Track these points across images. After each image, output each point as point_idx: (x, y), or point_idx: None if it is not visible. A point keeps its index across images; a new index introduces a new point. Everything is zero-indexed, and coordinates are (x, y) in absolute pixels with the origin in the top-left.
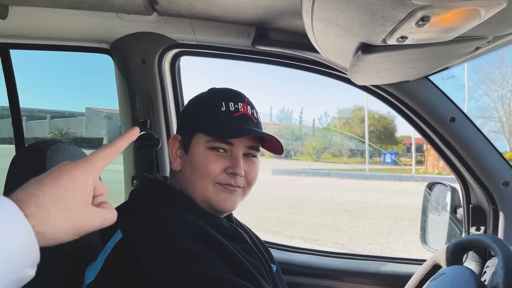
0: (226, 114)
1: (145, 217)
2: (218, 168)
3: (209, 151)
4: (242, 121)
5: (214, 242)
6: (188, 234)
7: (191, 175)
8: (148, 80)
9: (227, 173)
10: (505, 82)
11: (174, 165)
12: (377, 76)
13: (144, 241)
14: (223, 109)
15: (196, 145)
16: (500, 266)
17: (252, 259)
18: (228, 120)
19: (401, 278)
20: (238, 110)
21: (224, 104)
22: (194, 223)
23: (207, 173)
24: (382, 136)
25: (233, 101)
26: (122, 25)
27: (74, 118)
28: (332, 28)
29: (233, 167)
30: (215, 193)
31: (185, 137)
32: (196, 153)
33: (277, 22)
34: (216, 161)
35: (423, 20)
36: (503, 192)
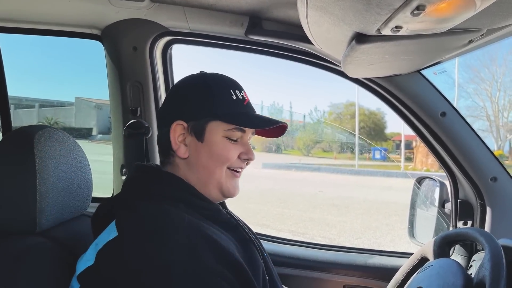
0: (238, 103)
1: (142, 218)
2: (235, 154)
3: (226, 139)
4: (251, 108)
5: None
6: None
7: (209, 162)
8: (139, 67)
9: (241, 158)
10: (494, 81)
11: (180, 152)
12: (370, 68)
13: (139, 246)
14: (234, 97)
15: (212, 134)
16: (487, 259)
17: (246, 248)
18: (242, 109)
19: (388, 271)
20: (244, 99)
21: (233, 92)
22: (189, 222)
23: (227, 159)
24: (372, 132)
25: (237, 89)
26: (113, 11)
27: (63, 107)
28: (326, 17)
29: (247, 153)
30: (228, 179)
31: (196, 124)
32: (215, 141)
33: (271, 12)
34: (233, 148)
35: (418, 9)
36: (491, 187)
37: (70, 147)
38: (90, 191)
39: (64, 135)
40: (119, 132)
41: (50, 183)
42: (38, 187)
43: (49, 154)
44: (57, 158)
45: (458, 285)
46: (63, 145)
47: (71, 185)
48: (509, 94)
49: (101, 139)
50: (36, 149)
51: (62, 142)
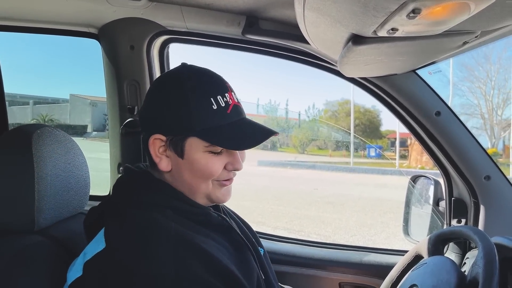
0: (220, 113)
1: (131, 229)
2: (220, 167)
3: (207, 154)
4: (236, 115)
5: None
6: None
7: (193, 179)
8: (136, 66)
9: (228, 169)
10: (489, 79)
11: (161, 166)
12: (366, 68)
13: (125, 261)
14: (214, 107)
15: (192, 150)
16: (480, 257)
17: (239, 251)
18: (224, 120)
19: (383, 268)
20: (228, 104)
21: (214, 101)
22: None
23: (211, 175)
24: (367, 130)
25: (220, 93)
26: (110, 10)
27: (58, 104)
28: (323, 18)
29: (234, 164)
30: (215, 190)
31: (174, 140)
32: (197, 158)
33: (268, 12)
34: (217, 161)
35: (414, 12)
36: (484, 186)
37: (67, 146)
38: (87, 189)
39: (62, 134)
40: (116, 130)
41: (48, 182)
42: (36, 186)
43: (47, 153)
44: (55, 157)
45: (452, 282)
46: (61, 144)
47: (69, 184)
48: (503, 92)
49: (96, 136)
50: (34, 148)
51: (60, 141)
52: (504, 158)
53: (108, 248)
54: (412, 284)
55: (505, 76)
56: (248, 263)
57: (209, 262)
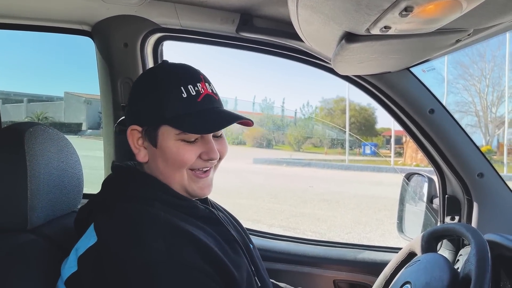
0: (189, 101)
1: (119, 220)
2: (193, 156)
3: (180, 142)
4: (207, 104)
5: (188, 236)
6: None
7: (166, 168)
8: (130, 64)
9: (202, 159)
10: (483, 77)
11: (139, 156)
12: (360, 66)
13: (117, 251)
14: (184, 95)
15: (165, 139)
16: (473, 254)
17: (227, 242)
18: (193, 108)
19: (377, 266)
20: (199, 93)
21: (184, 89)
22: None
23: (184, 163)
24: (362, 127)
25: (191, 83)
26: (104, 7)
27: (52, 102)
28: (317, 16)
29: (208, 153)
30: (191, 181)
31: (148, 129)
32: (168, 146)
33: (262, 9)
34: (190, 150)
35: (406, 10)
36: (478, 183)
37: (61, 144)
38: (81, 188)
39: (55, 132)
40: (110, 128)
41: (41, 180)
42: (29, 185)
43: (40, 151)
44: (48, 156)
45: (445, 279)
46: (54, 142)
47: (62, 182)
48: (497, 90)
49: (91, 134)
50: (27, 147)
51: (53, 139)
52: (498, 156)
53: (99, 241)
54: (406, 281)
55: (500, 74)
56: (237, 255)
57: (200, 248)
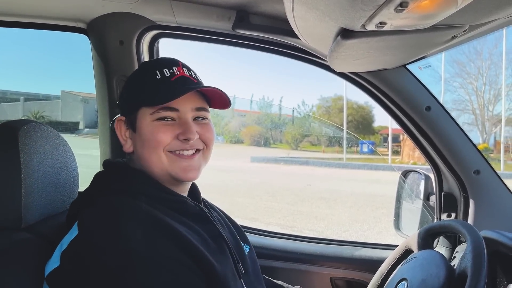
0: (162, 81)
1: (99, 213)
2: (169, 136)
3: (156, 122)
4: (181, 83)
5: (168, 231)
6: (142, 227)
7: (143, 150)
8: (126, 61)
9: (180, 140)
10: (480, 75)
11: (125, 147)
12: (356, 63)
13: (95, 243)
14: (158, 77)
15: (141, 120)
16: (469, 250)
17: (214, 240)
18: (165, 86)
19: (374, 263)
20: (174, 74)
21: (159, 72)
22: (147, 212)
23: (157, 143)
24: (360, 126)
25: (167, 67)
26: (99, 4)
27: (49, 101)
28: (312, 13)
29: (184, 132)
30: (172, 163)
31: (129, 117)
32: (143, 127)
33: (258, 6)
34: (165, 130)
35: (401, 6)
36: (474, 180)
37: (55, 141)
38: (76, 185)
39: (49, 129)
40: (105, 126)
41: (35, 178)
42: (23, 182)
43: (34, 149)
44: (42, 153)
45: (441, 276)
46: (48, 140)
47: (57, 180)
48: (494, 88)
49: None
50: (21, 144)
51: (47, 136)
52: (495, 154)
53: (80, 233)
54: (402, 278)
55: (496, 72)
56: (222, 254)
57: (179, 241)
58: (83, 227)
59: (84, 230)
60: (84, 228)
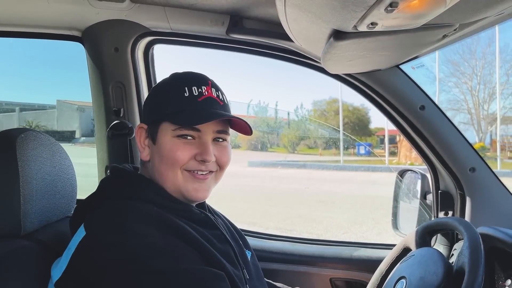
0: (190, 99)
1: (108, 213)
2: (187, 155)
3: (177, 139)
4: (208, 105)
5: (180, 232)
6: (154, 226)
7: (160, 165)
8: (121, 68)
9: (197, 160)
10: (474, 74)
11: (142, 155)
12: (349, 64)
13: (105, 239)
14: (186, 94)
15: (163, 135)
16: (466, 247)
17: (221, 245)
18: (192, 106)
19: (373, 262)
20: (202, 94)
21: (187, 89)
22: (158, 214)
23: (175, 161)
24: (356, 127)
25: (196, 85)
26: (93, 12)
27: (45, 110)
28: (304, 15)
29: (202, 153)
30: (185, 181)
31: (151, 127)
32: (164, 142)
33: (251, 11)
34: (184, 148)
35: (391, 6)
36: (470, 178)
37: (53, 149)
38: (74, 192)
39: (47, 137)
40: (102, 133)
41: (33, 186)
42: (22, 190)
43: (32, 157)
44: (40, 161)
45: (439, 273)
46: (46, 148)
47: (55, 187)
48: (488, 87)
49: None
50: (19, 152)
51: (45, 144)
52: (492, 152)
53: (88, 233)
54: (401, 276)
55: (490, 71)
56: (229, 255)
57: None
58: (91, 227)
59: (93, 230)
60: (92, 228)
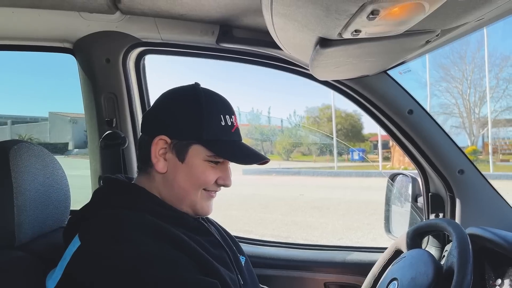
0: (226, 130)
1: (103, 222)
2: (214, 179)
3: (207, 163)
4: (237, 136)
5: (175, 240)
6: (149, 235)
7: (186, 183)
8: (113, 79)
9: (218, 183)
10: (464, 79)
11: (158, 167)
12: (337, 70)
13: (100, 249)
14: (222, 123)
15: (194, 156)
16: (455, 246)
17: (216, 251)
18: (227, 137)
19: (366, 266)
20: (233, 125)
21: (223, 118)
22: (153, 223)
23: (204, 183)
24: (349, 133)
25: (228, 114)
26: (84, 24)
27: (37, 123)
28: (291, 24)
29: (225, 179)
30: (201, 199)
31: (179, 144)
32: (195, 164)
33: (241, 20)
34: (212, 173)
35: (373, 14)
36: (459, 180)
37: (46, 160)
38: (68, 203)
39: (40, 148)
40: (95, 144)
41: (27, 196)
42: (15, 201)
43: (25, 168)
44: (34, 172)
45: (429, 273)
46: (39, 159)
47: (49, 198)
48: (479, 90)
49: (78, 153)
50: (12, 164)
51: (38, 155)
52: (484, 155)
53: (83, 243)
54: (393, 278)
55: (480, 75)
56: (224, 261)
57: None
58: (86, 237)
59: (87, 240)
60: (87, 238)
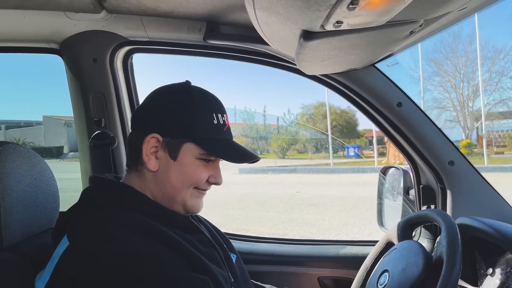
0: (218, 128)
1: (90, 221)
2: (205, 177)
3: (199, 161)
4: (229, 135)
5: (164, 238)
6: (137, 233)
7: (178, 181)
8: (100, 78)
9: (209, 181)
10: (457, 72)
11: (150, 165)
12: (324, 64)
13: (89, 248)
14: (215, 122)
15: (186, 154)
16: (443, 236)
17: (206, 249)
18: (220, 135)
19: (359, 259)
20: (225, 124)
21: (215, 116)
22: (141, 221)
23: (196, 181)
24: (344, 130)
25: (220, 112)
26: (70, 24)
27: (31, 127)
28: (274, 17)
29: (216, 177)
30: (192, 197)
31: (171, 142)
32: (188, 162)
33: (227, 16)
34: (204, 170)
35: (352, 4)
36: (449, 171)
37: (33, 161)
38: (57, 204)
39: (26, 149)
40: (84, 144)
41: (14, 198)
42: (2, 203)
43: (11, 169)
44: (20, 173)
45: (420, 263)
46: (25, 160)
47: (37, 199)
48: (472, 84)
49: (73, 157)
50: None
51: (24, 156)
52: (479, 148)
53: (71, 243)
54: (384, 270)
55: (473, 69)
56: (214, 258)
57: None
58: (74, 237)
59: (76, 239)
60: (75, 238)
